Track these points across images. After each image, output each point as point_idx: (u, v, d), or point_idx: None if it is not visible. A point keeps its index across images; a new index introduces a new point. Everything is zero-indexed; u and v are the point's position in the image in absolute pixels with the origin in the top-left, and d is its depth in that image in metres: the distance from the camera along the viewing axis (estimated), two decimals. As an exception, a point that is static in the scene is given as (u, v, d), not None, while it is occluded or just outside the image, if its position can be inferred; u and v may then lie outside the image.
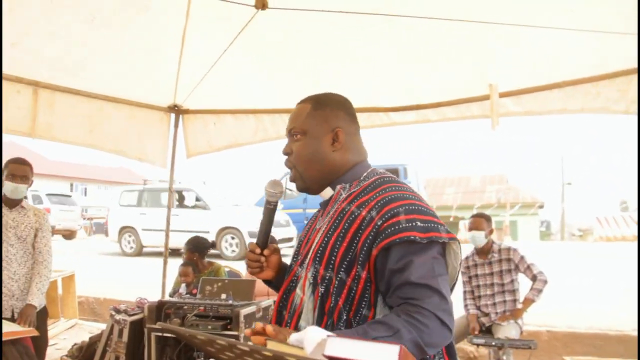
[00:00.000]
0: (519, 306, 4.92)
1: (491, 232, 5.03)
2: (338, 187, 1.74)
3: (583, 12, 3.10)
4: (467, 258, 5.16)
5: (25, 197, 4.05)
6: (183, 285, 5.19)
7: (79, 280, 8.00)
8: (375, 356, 1.15)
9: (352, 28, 3.55)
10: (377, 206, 1.57)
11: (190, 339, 1.29)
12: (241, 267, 6.29)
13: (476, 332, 4.87)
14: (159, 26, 3.70)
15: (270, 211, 1.82)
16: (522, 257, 4.93)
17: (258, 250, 1.81)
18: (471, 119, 4.42)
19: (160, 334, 3.80)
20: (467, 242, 4.99)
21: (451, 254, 1.58)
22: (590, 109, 3.93)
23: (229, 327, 3.78)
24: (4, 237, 3.85)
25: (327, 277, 1.57)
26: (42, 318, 3.98)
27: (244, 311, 3.82)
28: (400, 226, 1.50)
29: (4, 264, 3.84)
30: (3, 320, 3.67)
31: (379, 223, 1.53)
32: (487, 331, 4.96)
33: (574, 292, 8.68)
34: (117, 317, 4.19)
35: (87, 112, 4.55)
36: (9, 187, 3.84)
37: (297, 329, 1.60)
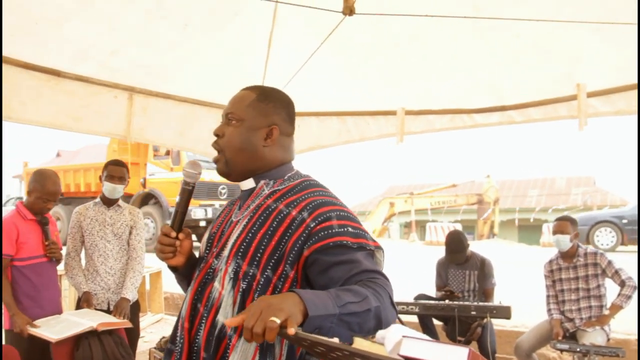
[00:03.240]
0: (606, 312, 4.75)
1: (576, 235, 4.88)
2: (262, 182, 1.74)
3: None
4: (550, 261, 5.03)
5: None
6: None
7: (165, 277, 8.29)
8: (447, 357, 1.18)
9: (437, 31, 3.55)
10: (308, 208, 1.58)
11: (295, 341, 1.33)
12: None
13: (560, 338, 4.73)
14: (247, 32, 3.82)
15: (187, 192, 1.76)
16: (609, 262, 4.76)
17: (173, 234, 1.73)
18: (557, 120, 4.31)
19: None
20: (551, 246, 4.87)
21: (375, 262, 1.58)
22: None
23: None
24: (102, 234, 4.10)
25: (251, 274, 1.56)
26: (134, 311, 4.18)
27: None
28: (333, 230, 1.52)
29: (101, 259, 4.08)
30: (101, 312, 3.91)
31: (311, 225, 1.54)
32: (571, 337, 4.81)
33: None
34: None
35: (178, 115, 4.75)
36: (107, 187, 4.09)
37: (213, 323, 1.58)
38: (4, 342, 3.75)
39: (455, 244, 5.47)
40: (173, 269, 1.81)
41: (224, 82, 4.57)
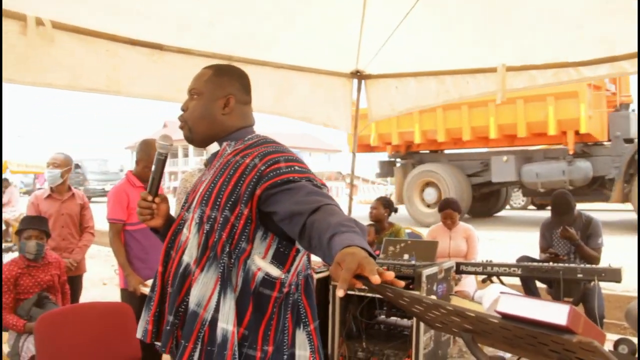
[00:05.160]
0: None
1: None
2: (224, 143, 1.95)
3: None
4: None
5: None
6: (365, 244, 5.35)
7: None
8: (546, 315, 1.15)
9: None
10: (259, 155, 1.78)
11: (394, 298, 1.35)
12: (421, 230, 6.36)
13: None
14: (341, -6, 3.80)
15: (161, 161, 2.02)
16: None
17: (150, 198, 1.98)
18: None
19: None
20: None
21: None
22: None
23: (411, 287, 3.86)
24: None
25: (213, 217, 1.76)
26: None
27: (426, 272, 3.87)
28: (281, 170, 1.72)
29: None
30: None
31: (262, 168, 1.74)
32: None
33: None
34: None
35: (274, 81, 4.79)
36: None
37: (180, 262, 1.80)
38: (119, 300, 4.05)
39: (562, 205, 5.26)
40: (154, 230, 2.05)
41: (320, 47, 4.58)
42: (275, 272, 1.76)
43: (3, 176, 14.73)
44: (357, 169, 5.84)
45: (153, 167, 2.03)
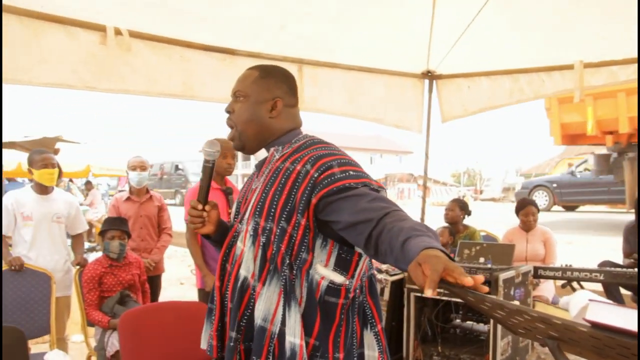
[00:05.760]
0: None
1: None
2: (272, 149, 1.91)
3: None
4: None
5: None
6: (440, 248, 5.29)
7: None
8: (636, 324, 1.10)
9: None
10: (310, 160, 1.72)
11: (475, 303, 1.33)
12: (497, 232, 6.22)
13: None
14: (410, -6, 3.78)
15: (208, 169, 1.95)
16: None
17: (200, 207, 1.93)
18: None
19: (419, 294, 3.92)
20: None
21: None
22: None
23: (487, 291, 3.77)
24: None
25: (268, 228, 1.72)
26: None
27: (503, 275, 3.78)
28: (336, 177, 1.66)
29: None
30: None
31: (315, 175, 1.68)
32: None
33: None
34: (379, 276, 4.44)
35: (345, 83, 4.82)
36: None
37: (237, 276, 1.77)
38: (197, 299, 4.16)
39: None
40: (206, 236, 2.03)
41: (390, 47, 4.56)
42: (339, 279, 1.73)
43: (86, 179, 15.41)
44: (430, 171, 5.78)
45: (201, 175, 1.99)
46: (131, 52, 3.56)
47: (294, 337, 1.65)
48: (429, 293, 1.20)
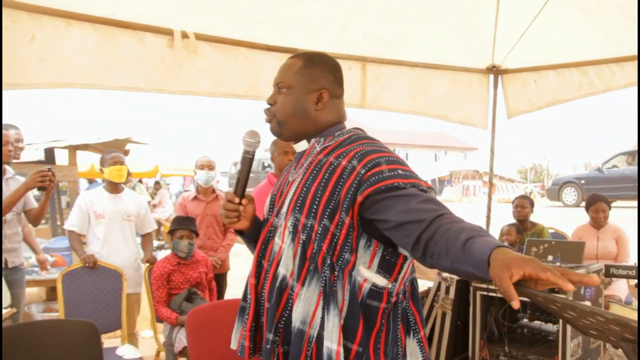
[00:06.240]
0: None
1: None
2: (313, 140, 1.79)
3: None
4: None
5: None
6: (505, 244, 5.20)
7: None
8: None
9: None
10: (357, 156, 1.61)
11: (544, 303, 1.30)
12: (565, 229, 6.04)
13: None
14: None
15: (248, 160, 1.83)
16: None
17: (236, 200, 1.81)
18: None
19: (485, 293, 3.86)
20: None
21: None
22: None
23: (556, 290, 3.67)
24: None
25: (309, 225, 1.61)
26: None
27: (574, 274, 3.67)
28: (384, 175, 1.54)
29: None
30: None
31: (362, 172, 1.56)
32: None
33: None
34: (444, 275, 4.38)
35: (410, 80, 4.79)
36: None
37: (275, 275, 1.66)
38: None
39: None
40: (240, 232, 1.92)
41: (454, 43, 4.51)
42: (382, 281, 1.62)
43: (155, 179, 15.83)
44: (495, 167, 5.67)
45: (239, 166, 1.86)
46: (197, 54, 3.64)
47: (332, 342, 1.56)
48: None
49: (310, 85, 1.77)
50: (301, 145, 1.85)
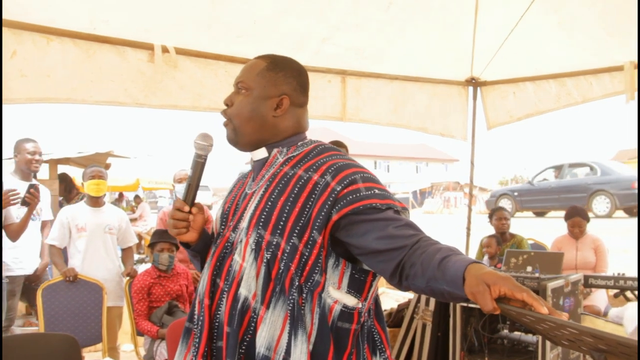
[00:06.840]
0: None
1: None
2: (275, 150, 1.67)
3: None
4: None
5: None
6: (485, 257, 5.24)
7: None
8: None
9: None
10: (330, 171, 1.52)
11: (517, 316, 1.33)
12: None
13: None
14: (451, 2, 3.77)
15: (200, 165, 1.67)
16: None
17: (186, 208, 1.65)
18: None
19: (465, 304, 3.89)
20: None
21: None
22: None
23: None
24: None
25: (274, 243, 1.50)
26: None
27: (552, 285, 3.71)
28: (361, 194, 1.47)
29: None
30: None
31: (337, 189, 1.48)
32: None
33: None
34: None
35: (390, 93, 4.83)
36: None
37: (236, 296, 1.51)
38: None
39: None
40: (185, 245, 1.75)
41: (433, 56, 4.56)
42: (352, 301, 1.53)
43: (135, 193, 15.74)
44: (476, 178, 5.73)
45: (190, 172, 1.70)
46: (178, 68, 3.66)
47: None
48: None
49: (271, 89, 1.66)
50: (245, 156, 1.74)
